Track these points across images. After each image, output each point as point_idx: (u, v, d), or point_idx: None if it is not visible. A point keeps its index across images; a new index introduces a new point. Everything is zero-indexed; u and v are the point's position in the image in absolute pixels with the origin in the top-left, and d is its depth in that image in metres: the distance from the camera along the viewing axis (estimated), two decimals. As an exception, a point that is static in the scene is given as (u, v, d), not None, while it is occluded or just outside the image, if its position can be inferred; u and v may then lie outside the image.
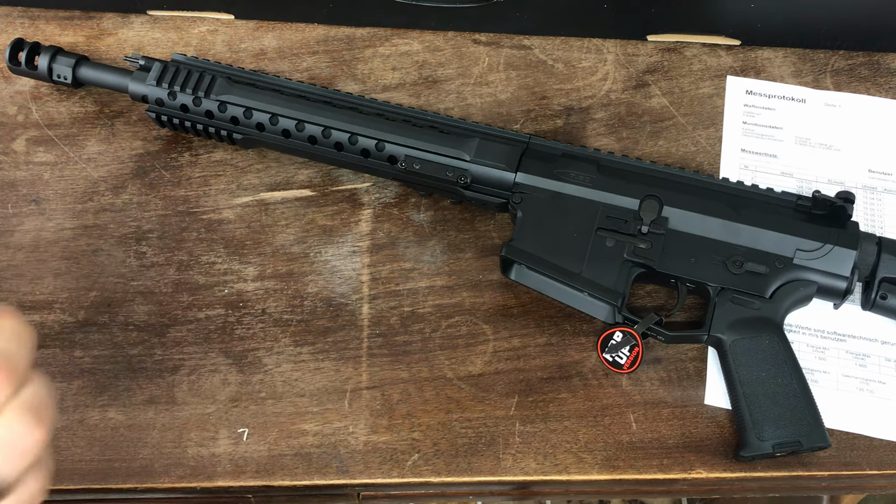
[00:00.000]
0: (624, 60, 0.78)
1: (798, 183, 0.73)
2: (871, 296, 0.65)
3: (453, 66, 0.78)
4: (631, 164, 0.68)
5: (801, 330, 0.68)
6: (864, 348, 0.67)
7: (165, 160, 0.74)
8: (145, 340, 0.67)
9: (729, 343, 0.63)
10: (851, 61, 0.78)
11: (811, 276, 0.64)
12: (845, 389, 0.66)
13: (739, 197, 0.66)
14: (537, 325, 0.68)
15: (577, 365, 0.67)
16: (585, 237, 0.65)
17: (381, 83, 0.77)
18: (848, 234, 0.65)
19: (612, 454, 0.64)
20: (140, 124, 0.75)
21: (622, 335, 0.65)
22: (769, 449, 0.61)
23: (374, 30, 0.80)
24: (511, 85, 0.77)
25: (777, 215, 0.65)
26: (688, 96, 0.77)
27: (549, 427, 0.65)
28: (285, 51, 0.79)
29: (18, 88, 0.77)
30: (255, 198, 0.73)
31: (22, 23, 0.79)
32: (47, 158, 0.74)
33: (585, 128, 0.76)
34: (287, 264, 0.70)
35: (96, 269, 0.70)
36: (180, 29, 0.79)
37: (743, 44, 0.79)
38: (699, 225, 0.65)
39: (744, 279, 0.64)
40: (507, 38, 0.79)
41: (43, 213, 0.72)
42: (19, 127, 0.75)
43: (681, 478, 0.64)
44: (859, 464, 0.64)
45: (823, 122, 0.76)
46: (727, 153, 0.75)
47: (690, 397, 0.66)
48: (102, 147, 0.74)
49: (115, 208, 0.72)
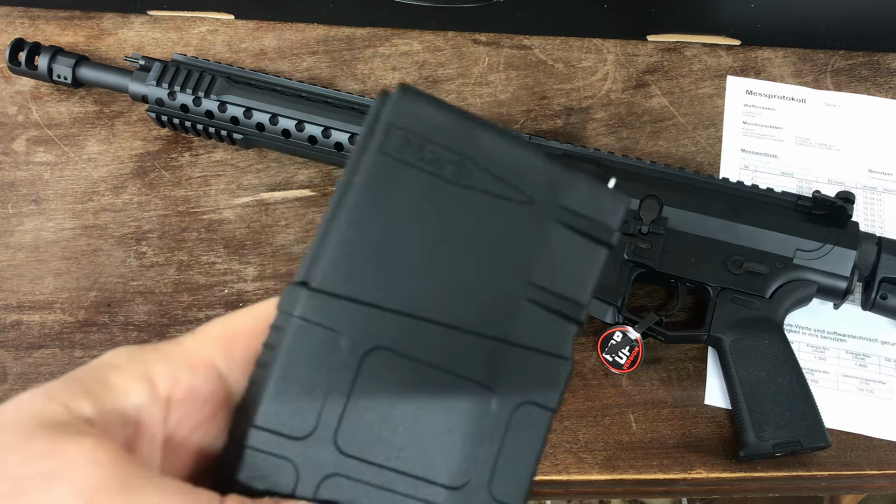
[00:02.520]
0: (624, 60, 0.78)
1: (798, 183, 0.73)
2: (871, 296, 0.65)
3: (453, 66, 0.78)
4: (631, 164, 0.68)
5: (801, 330, 0.68)
6: (863, 348, 0.67)
7: (165, 160, 0.74)
8: (145, 340, 0.67)
9: (729, 343, 0.63)
10: (851, 61, 0.78)
11: (811, 276, 0.64)
12: (845, 389, 0.66)
13: (739, 197, 0.66)
14: (537, 325, 0.68)
15: (577, 365, 0.67)
16: (585, 237, 0.65)
17: (381, 83, 0.77)
18: (848, 234, 0.64)
19: (611, 454, 0.64)
20: (140, 124, 0.75)
21: (622, 335, 0.65)
22: (769, 449, 0.61)
23: (374, 30, 0.80)
24: (511, 85, 0.77)
25: (777, 215, 0.65)
26: (688, 96, 0.77)
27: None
28: (285, 51, 0.79)
29: (18, 88, 0.77)
30: (255, 198, 0.73)
31: (22, 23, 0.79)
32: (47, 158, 0.74)
33: (585, 128, 0.76)
34: (287, 264, 0.70)
35: (96, 269, 0.70)
36: (180, 29, 0.79)
37: (743, 44, 0.79)
38: (699, 225, 0.65)
39: (744, 279, 0.64)
40: (507, 38, 0.79)
41: (43, 213, 0.72)
42: (19, 127, 0.75)
43: (681, 478, 0.64)
44: (859, 464, 0.64)
45: (823, 122, 0.76)
46: (727, 153, 0.75)
47: (690, 397, 0.66)
48: (102, 147, 0.74)
49: (115, 208, 0.72)
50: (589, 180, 0.33)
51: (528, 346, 0.32)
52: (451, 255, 0.32)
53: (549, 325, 0.32)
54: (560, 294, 0.32)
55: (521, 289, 0.32)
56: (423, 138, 0.32)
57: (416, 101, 0.32)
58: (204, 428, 0.32)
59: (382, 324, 0.31)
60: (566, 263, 0.33)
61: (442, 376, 0.31)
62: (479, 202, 0.32)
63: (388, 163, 0.31)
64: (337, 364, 0.31)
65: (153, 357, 0.31)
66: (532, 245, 0.32)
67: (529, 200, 0.32)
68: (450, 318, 0.32)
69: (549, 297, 0.32)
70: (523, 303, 0.32)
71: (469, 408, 0.31)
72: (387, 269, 0.31)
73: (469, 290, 0.32)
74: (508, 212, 0.32)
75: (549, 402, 0.32)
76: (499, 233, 0.32)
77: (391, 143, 0.31)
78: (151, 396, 0.30)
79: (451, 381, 0.31)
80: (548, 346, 0.32)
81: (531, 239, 0.32)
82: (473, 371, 0.31)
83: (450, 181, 0.32)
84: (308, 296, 0.31)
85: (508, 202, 0.32)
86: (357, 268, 0.31)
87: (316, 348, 0.31)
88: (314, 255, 0.31)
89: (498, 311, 0.32)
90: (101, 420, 0.28)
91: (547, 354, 0.32)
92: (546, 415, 0.32)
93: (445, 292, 0.32)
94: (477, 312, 0.32)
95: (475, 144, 0.32)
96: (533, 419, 0.32)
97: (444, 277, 0.32)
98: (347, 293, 0.31)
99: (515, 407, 0.32)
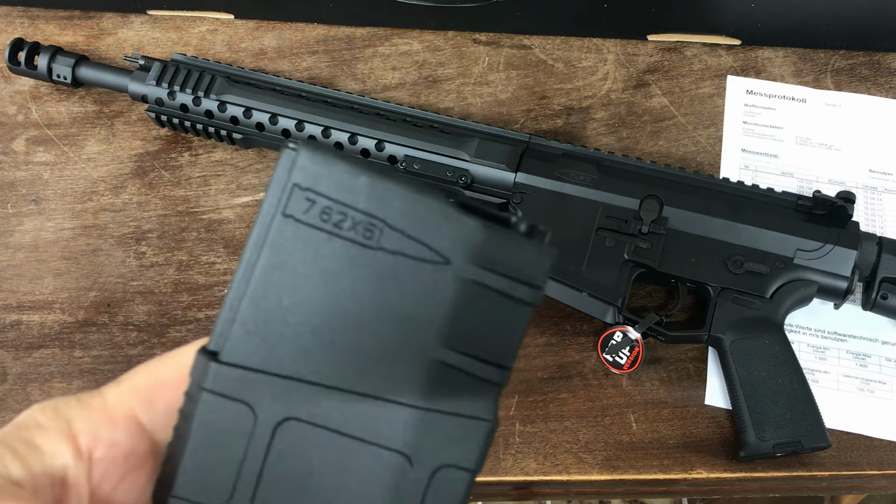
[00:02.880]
0: (624, 60, 0.78)
1: (798, 183, 0.73)
2: (871, 296, 0.65)
3: (453, 66, 0.78)
4: (631, 163, 0.68)
5: (802, 330, 0.68)
6: (864, 348, 0.67)
7: (165, 160, 0.74)
8: (145, 340, 0.67)
9: (729, 343, 0.63)
10: (852, 61, 0.78)
11: (812, 276, 0.64)
12: (846, 389, 0.66)
13: (740, 197, 0.66)
14: (537, 325, 0.68)
15: (578, 365, 0.67)
16: (585, 237, 0.65)
17: (381, 83, 0.77)
18: (848, 234, 0.64)
19: (612, 454, 0.64)
20: (140, 124, 0.75)
21: (622, 335, 0.65)
22: (769, 449, 0.61)
23: (374, 29, 0.80)
24: (511, 85, 0.77)
25: (777, 215, 0.65)
26: (688, 96, 0.77)
27: (550, 427, 0.65)
28: (285, 51, 0.79)
29: (18, 88, 0.77)
30: (255, 198, 0.73)
31: (21, 22, 0.79)
32: (47, 158, 0.74)
33: (586, 128, 0.75)
34: (287, 264, 0.70)
35: (96, 269, 0.70)
36: (180, 29, 0.79)
37: (743, 43, 0.78)
38: (699, 225, 0.65)
39: (744, 279, 0.64)
40: (507, 38, 0.79)
41: (42, 212, 0.72)
42: (19, 127, 0.75)
43: (681, 478, 0.64)
44: (860, 464, 0.64)
45: (824, 121, 0.76)
46: (727, 153, 0.75)
47: (691, 397, 0.66)
48: (102, 147, 0.74)
49: (114, 208, 0.72)
50: (510, 235, 0.31)
51: (446, 412, 0.31)
52: (363, 322, 0.30)
53: (469, 388, 0.31)
54: (480, 358, 0.31)
55: (438, 353, 0.31)
56: (329, 199, 0.30)
57: (321, 158, 0.30)
58: (130, 481, 0.32)
59: (294, 394, 0.30)
60: (487, 326, 0.31)
61: (357, 445, 0.31)
62: (390, 264, 0.30)
63: (292, 227, 0.30)
64: (250, 434, 0.30)
65: (77, 414, 0.31)
66: (449, 308, 0.30)
67: (445, 261, 0.30)
68: (364, 386, 0.31)
69: (468, 362, 0.31)
70: (441, 368, 0.31)
71: (387, 474, 0.31)
72: (297, 338, 0.30)
73: (383, 356, 0.31)
74: (423, 274, 0.30)
75: (467, 463, 0.31)
76: (413, 296, 0.30)
77: (295, 206, 0.30)
78: (76, 455, 0.30)
79: (366, 449, 0.31)
80: (467, 411, 0.31)
81: (448, 302, 0.30)
82: (389, 439, 0.31)
83: (359, 243, 0.30)
84: (217, 369, 0.30)
85: (422, 263, 0.30)
86: (266, 338, 0.30)
87: (228, 419, 0.30)
88: (223, 322, 0.30)
89: (414, 377, 0.31)
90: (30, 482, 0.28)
91: (467, 417, 0.31)
92: (465, 476, 0.31)
93: (359, 360, 0.31)
94: (392, 379, 0.31)
95: (385, 203, 0.30)
96: (452, 482, 0.31)
97: (357, 344, 0.30)
98: (257, 365, 0.30)
99: (433, 471, 0.31)
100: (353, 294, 0.30)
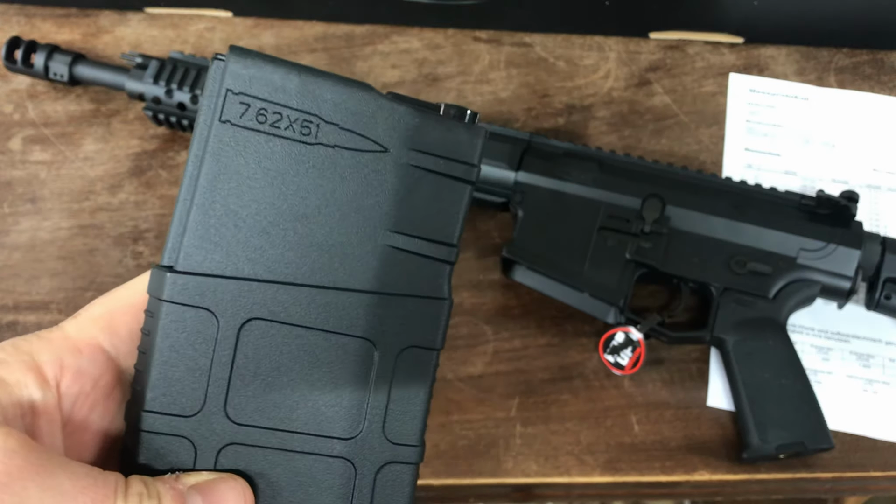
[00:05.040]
0: (626, 58, 0.78)
1: (802, 182, 0.73)
2: (875, 296, 0.64)
3: (453, 64, 0.77)
4: (633, 162, 0.67)
5: (805, 330, 0.68)
6: (868, 349, 0.67)
7: (162, 159, 0.73)
8: (142, 341, 0.67)
9: (732, 344, 0.63)
10: (855, 59, 0.78)
11: (815, 275, 0.63)
12: (849, 390, 0.66)
13: (742, 196, 0.66)
14: (538, 325, 0.67)
15: (579, 366, 0.66)
16: (587, 237, 0.64)
17: (380, 81, 0.77)
18: (852, 233, 0.64)
19: (613, 456, 0.64)
20: (137, 123, 0.75)
21: (624, 336, 0.64)
22: (772, 451, 0.60)
23: (374, 27, 0.79)
24: (512, 83, 0.77)
25: (780, 215, 0.65)
26: (690, 94, 0.76)
27: (551, 429, 0.64)
28: (284, 48, 0.78)
29: (15, 86, 0.76)
30: (253, 197, 0.72)
31: (18, 20, 0.79)
32: (44, 157, 0.73)
33: (587, 126, 0.75)
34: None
35: (93, 269, 0.69)
36: (178, 26, 0.79)
37: (746, 41, 0.78)
38: (702, 224, 0.64)
39: (747, 279, 0.64)
40: (508, 36, 0.79)
41: (39, 212, 0.71)
42: (15, 125, 0.75)
43: (683, 480, 0.64)
44: (863, 465, 0.63)
45: (827, 120, 0.75)
46: (730, 152, 0.74)
47: (693, 399, 0.65)
48: (99, 146, 0.74)
49: (111, 207, 0.72)
50: (440, 119, 0.32)
51: (402, 294, 0.33)
52: (310, 216, 0.32)
53: (421, 269, 0.33)
54: (428, 238, 0.33)
55: (387, 238, 0.32)
56: (262, 100, 0.31)
57: (251, 62, 0.31)
58: (101, 407, 0.33)
59: (253, 295, 0.31)
60: (430, 207, 0.33)
61: (322, 336, 0.32)
62: (330, 158, 0.32)
63: (230, 132, 0.31)
64: (214, 340, 0.31)
65: (37, 346, 0.32)
66: (392, 194, 0.32)
67: (383, 149, 0.32)
68: (319, 278, 0.32)
69: (417, 243, 0.33)
70: (392, 252, 0.32)
71: (353, 361, 0.32)
72: (247, 239, 0.31)
73: (334, 247, 0.32)
74: (363, 163, 0.32)
75: (430, 342, 0.33)
76: (356, 186, 0.32)
77: (230, 111, 0.31)
78: (42, 384, 0.31)
79: (331, 339, 0.32)
80: (423, 291, 0.33)
81: (390, 188, 0.32)
82: (351, 326, 0.32)
83: (297, 140, 0.31)
84: (173, 279, 0.31)
85: (361, 153, 0.32)
86: (218, 243, 0.31)
87: (191, 328, 0.31)
88: (174, 236, 0.31)
89: (367, 264, 0.32)
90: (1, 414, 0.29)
91: (424, 298, 0.33)
92: (430, 354, 0.33)
93: (311, 254, 0.32)
94: (345, 269, 0.32)
95: (318, 99, 0.31)
96: (418, 361, 0.33)
97: (307, 239, 0.32)
98: (212, 270, 0.31)
99: (398, 353, 0.33)
100: (298, 190, 0.32)
